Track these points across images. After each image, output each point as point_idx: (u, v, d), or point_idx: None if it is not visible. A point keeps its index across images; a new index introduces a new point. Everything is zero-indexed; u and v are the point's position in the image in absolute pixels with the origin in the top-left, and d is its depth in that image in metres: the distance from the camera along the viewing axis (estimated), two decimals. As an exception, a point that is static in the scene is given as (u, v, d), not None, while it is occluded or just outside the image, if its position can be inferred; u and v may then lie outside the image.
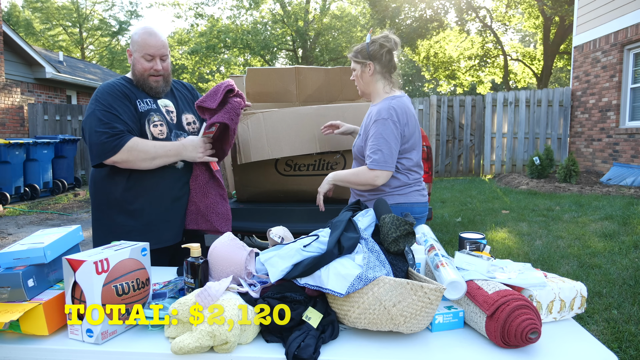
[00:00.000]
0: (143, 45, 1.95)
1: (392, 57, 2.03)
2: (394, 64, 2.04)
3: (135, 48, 1.96)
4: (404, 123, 1.95)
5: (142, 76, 1.98)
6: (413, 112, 2.03)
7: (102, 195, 1.99)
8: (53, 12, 25.98)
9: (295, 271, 1.30)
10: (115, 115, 1.86)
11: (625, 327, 2.67)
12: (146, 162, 1.89)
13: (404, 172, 2.02)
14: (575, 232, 4.80)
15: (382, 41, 2.00)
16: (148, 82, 1.99)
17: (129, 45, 2.02)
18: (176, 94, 2.14)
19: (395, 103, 1.96)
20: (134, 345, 1.19)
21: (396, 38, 2.05)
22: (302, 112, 2.61)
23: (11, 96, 9.60)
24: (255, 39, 20.85)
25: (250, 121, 2.56)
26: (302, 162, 2.85)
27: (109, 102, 1.89)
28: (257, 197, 3.02)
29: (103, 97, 1.90)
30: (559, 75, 25.52)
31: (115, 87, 1.95)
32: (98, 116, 1.86)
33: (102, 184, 1.98)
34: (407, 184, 2.02)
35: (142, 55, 1.95)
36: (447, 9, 17.37)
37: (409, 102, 2.05)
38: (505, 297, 1.17)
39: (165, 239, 2.00)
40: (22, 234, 5.73)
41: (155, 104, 2.02)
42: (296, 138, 2.56)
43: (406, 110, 1.98)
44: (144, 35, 1.95)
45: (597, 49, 9.04)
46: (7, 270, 1.23)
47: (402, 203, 2.01)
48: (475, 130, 10.35)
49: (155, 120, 1.98)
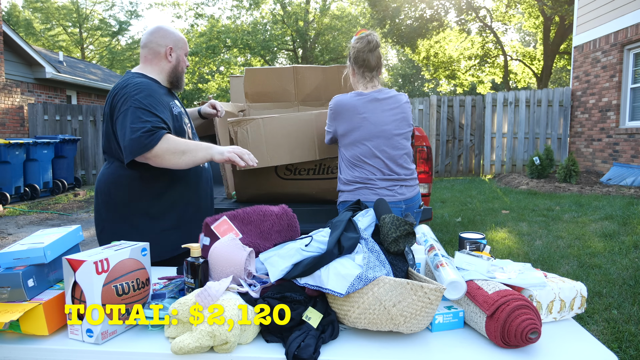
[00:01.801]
0: (185, 45, 2.01)
1: (365, 56, 2.11)
2: (368, 63, 2.12)
3: (180, 46, 1.98)
4: (336, 116, 2.12)
5: (182, 74, 2.04)
6: (358, 109, 2.07)
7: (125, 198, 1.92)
8: (53, 12, 25.99)
9: (295, 271, 1.30)
10: (155, 115, 1.80)
11: (625, 327, 2.67)
12: (176, 157, 1.78)
13: (348, 166, 2.12)
14: (575, 232, 4.80)
15: (354, 43, 2.14)
16: (183, 79, 2.06)
17: (167, 43, 1.96)
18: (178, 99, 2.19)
19: (337, 97, 2.14)
20: (134, 345, 1.19)
21: (370, 37, 2.12)
22: (303, 118, 2.57)
23: (11, 96, 9.60)
24: (256, 39, 20.86)
25: (250, 127, 2.54)
26: (303, 166, 2.84)
27: (149, 102, 1.82)
28: (257, 198, 3.01)
29: (143, 97, 1.82)
30: (559, 75, 25.52)
31: (155, 89, 1.89)
32: (138, 114, 1.77)
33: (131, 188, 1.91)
34: (353, 181, 2.10)
35: (185, 53, 2.02)
36: (447, 9, 17.37)
37: (364, 100, 2.09)
38: (505, 297, 1.17)
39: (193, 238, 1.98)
40: (22, 234, 5.73)
41: (182, 109, 2.07)
42: (296, 145, 2.52)
43: (344, 105, 2.10)
44: (182, 37, 2.01)
45: (597, 49, 9.04)
46: (7, 270, 1.23)
47: (348, 201, 2.08)
48: (475, 130, 10.35)
49: (186, 120, 2.05)
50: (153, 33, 1.97)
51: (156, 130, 1.75)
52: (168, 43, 1.97)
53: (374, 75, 2.16)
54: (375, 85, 2.16)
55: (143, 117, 1.76)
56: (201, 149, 1.82)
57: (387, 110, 2.10)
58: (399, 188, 2.08)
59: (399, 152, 2.11)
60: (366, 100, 2.09)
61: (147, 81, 1.92)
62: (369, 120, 2.06)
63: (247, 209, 1.58)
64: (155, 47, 1.96)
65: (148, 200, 1.93)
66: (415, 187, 2.17)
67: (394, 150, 2.09)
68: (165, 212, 1.96)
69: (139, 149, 1.74)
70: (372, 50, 2.11)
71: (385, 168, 2.08)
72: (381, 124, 2.08)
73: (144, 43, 1.99)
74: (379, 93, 2.12)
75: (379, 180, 2.06)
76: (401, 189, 2.09)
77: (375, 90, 2.13)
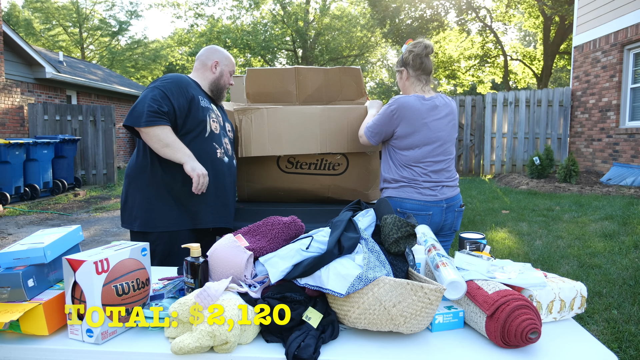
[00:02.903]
0: (232, 65, 2.41)
1: (423, 60, 2.19)
2: (425, 66, 2.20)
3: (226, 63, 2.37)
4: (400, 117, 2.13)
5: (224, 88, 2.39)
6: (422, 114, 2.14)
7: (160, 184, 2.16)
8: (53, 12, 25.99)
9: (296, 271, 1.30)
10: (168, 99, 2.08)
11: (625, 327, 2.67)
12: (160, 145, 2.06)
13: (398, 167, 2.19)
14: (575, 232, 4.80)
15: (411, 47, 2.21)
16: (224, 93, 2.40)
17: (215, 57, 2.34)
18: (220, 107, 2.48)
19: (405, 98, 2.16)
20: (134, 345, 1.19)
21: (427, 42, 2.21)
22: (307, 111, 2.64)
23: (11, 96, 9.60)
24: (256, 39, 20.86)
25: (254, 116, 2.61)
26: (304, 160, 2.86)
27: (170, 87, 2.11)
28: (257, 193, 3.02)
29: (169, 81, 2.14)
30: (559, 75, 25.53)
31: (184, 80, 2.21)
32: (155, 93, 2.06)
33: (162, 176, 2.15)
34: (399, 180, 2.17)
35: (229, 71, 2.39)
36: (447, 9, 17.37)
37: (427, 105, 2.16)
38: (505, 297, 1.17)
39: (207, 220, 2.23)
40: (22, 234, 5.73)
41: (212, 106, 2.31)
42: (298, 137, 2.58)
43: (410, 108, 2.13)
44: (230, 58, 2.41)
45: (597, 49, 9.04)
46: (7, 270, 1.23)
47: (393, 197, 2.18)
48: (475, 130, 10.35)
49: (213, 116, 2.27)
50: (207, 49, 2.38)
51: (159, 116, 2.04)
52: (215, 58, 2.34)
53: (428, 79, 2.24)
54: (429, 91, 2.24)
55: (158, 99, 2.05)
56: (182, 152, 2.08)
57: (443, 117, 2.19)
58: (441, 189, 2.16)
59: (448, 158, 2.21)
60: (429, 106, 2.16)
61: (182, 75, 2.25)
62: (429, 126, 2.14)
63: (257, 223, 1.64)
64: (205, 60, 2.34)
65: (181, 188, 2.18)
66: (456, 187, 2.26)
67: (444, 156, 2.19)
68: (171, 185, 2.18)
69: (137, 120, 2.03)
70: (427, 55, 2.21)
71: (432, 172, 2.16)
72: (437, 130, 2.16)
73: (198, 56, 2.38)
74: (437, 99, 2.20)
75: (424, 182, 2.15)
76: (443, 190, 2.17)
77: (434, 95, 2.21)
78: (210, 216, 2.25)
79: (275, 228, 1.57)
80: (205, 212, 2.23)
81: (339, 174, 2.92)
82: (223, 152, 2.31)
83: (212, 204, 2.25)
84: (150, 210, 2.15)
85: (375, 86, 32.94)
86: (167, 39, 30.38)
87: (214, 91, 2.36)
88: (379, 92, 32.16)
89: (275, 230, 1.56)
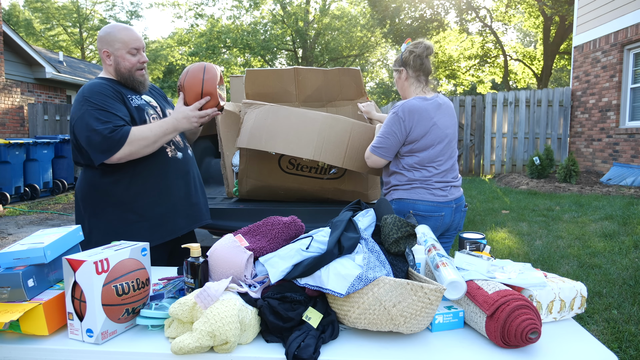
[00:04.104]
0: (126, 41, 1.95)
1: (423, 61, 2.17)
2: (425, 67, 2.18)
3: (117, 46, 1.95)
4: (411, 122, 2.08)
5: (130, 72, 1.98)
6: (430, 114, 2.11)
7: (104, 197, 1.95)
8: (53, 12, 25.99)
9: (296, 271, 1.30)
10: (111, 113, 1.85)
11: (625, 327, 2.67)
12: (149, 148, 1.88)
13: (408, 169, 2.13)
14: (575, 232, 4.80)
15: (412, 48, 2.18)
16: (136, 77, 2.00)
17: (103, 46, 1.97)
18: (152, 92, 2.17)
19: (409, 102, 2.10)
20: (134, 345, 1.19)
21: (428, 43, 2.18)
22: (310, 115, 2.52)
23: (11, 96, 9.60)
24: (256, 39, 20.86)
25: (258, 111, 2.57)
26: (305, 163, 2.86)
27: (101, 100, 1.86)
28: (258, 190, 3.01)
29: (93, 97, 1.87)
30: (559, 76, 25.53)
31: (103, 86, 1.92)
32: (95, 115, 1.83)
33: (103, 186, 1.94)
34: (411, 181, 2.12)
35: (127, 51, 1.96)
36: (447, 9, 17.37)
37: (432, 105, 2.13)
38: (505, 297, 1.17)
39: (180, 226, 2.02)
40: (22, 234, 5.73)
41: (142, 100, 2.03)
42: (294, 138, 2.50)
43: (417, 110, 2.09)
44: (123, 31, 1.96)
45: (597, 49, 9.04)
46: (7, 270, 1.23)
47: (404, 199, 2.12)
48: (475, 130, 10.35)
49: (151, 113, 2.01)
50: (97, 39, 2.01)
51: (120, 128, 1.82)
52: (104, 47, 1.97)
53: (428, 80, 2.22)
54: (429, 91, 2.22)
55: (102, 118, 1.82)
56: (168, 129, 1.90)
57: (447, 115, 2.18)
58: (450, 189, 2.15)
59: (454, 157, 2.21)
60: (434, 105, 2.14)
61: (93, 83, 1.94)
62: (438, 124, 2.12)
63: (257, 223, 1.62)
64: (100, 54, 2.01)
65: (126, 194, 1.95)
66: (460, 187, 2.26)
67: (451, 153, 2.19)
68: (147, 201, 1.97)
69: (107, 153, 1.81)
70: (428, 56, 2.19)
71: (442, 171, 2.15)
72: (445, 127, 2.15)
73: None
74: (438, 98, 2.18)
75: (436, 182, 2.12)
76: (451, 190, 2.16)
77: (434, 95, 2.20)
78: (182, 220, 2.05)
79: (275, 228, 1.56)
80: (173, 218, 2.02)
81: (338, 177, 2.92)
82: (173, 148, 2.07)
83: (180, 207, 2.04)
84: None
85: (375, 86, 32.94)
86: (167, 39, 30.37)
87: (127, 81, 2.00)
88: (379, 92, 32.15)
89: (275, 230, 1.56)
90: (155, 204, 1.98)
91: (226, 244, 1.42)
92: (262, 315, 1.23)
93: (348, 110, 3.15)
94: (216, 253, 1.40)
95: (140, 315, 1.24)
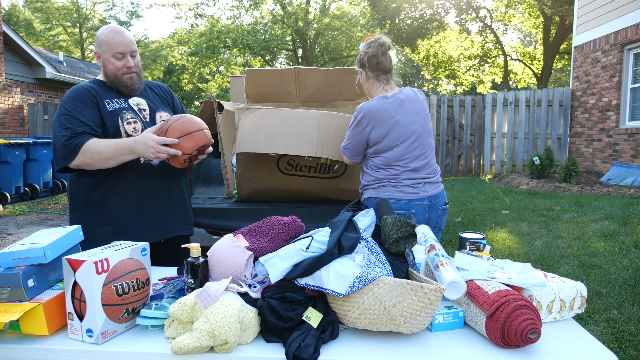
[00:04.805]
0: (111, 45, 1.93)
1: (379, 60, 2.12)
2: (382, 66, 2.12)
3: (104, 49, 1.95)
4: (369, 124, 2.08)
5: (116, 76, 1.97)
6: (390, 113, 2.06)
7: (79, 196, 1.97)
8: (53, 12, 25.99)
9: (296, 271, 1.30)
10: (76, 119, 1.86)
11: (625, 327, 2.67)
12: (103, 163, 1.85)
13: (375, 169, 2.12)
14: (575, 232, 4.80)
15: (366, 48, 2.14)
16: (123, 81, 1.99)
17: (95, 47, 2.00)
18: (149, 93, 2.13)
19: (367, 105, 2.10)
20: (134, 345, 1.19)
21: (382, 40, 2.13)
22: (306, 114, 2.55)
23: (11, 96, 9.60)
24: (256, 39, 20.86)
25: (253, 115, 2.56)
26: (304, 163, 2.86)
27: (71, 105, 1.88)
28: (257, 193, 3.02)
29: (67, 101, 1.90)
30: (559, 76, 25.53)
31: (80, 90, 1.94)
32: (61, 121, 1.86)
33: (78, 185, 1.96)
34: (378, 180, 2.10)
35: (112, 55, 1.94)
36: (447, 9, 17.38)
37: (392, 103, 2.08)
38: (505, 297, 1.17)
39: (143, 237, 1.93)
40: (22, 234, 5.73)
41: (126, 103, 2.00)
42: (293, 138, 2.52)
43: (376, 111, 2.07)
44: (111, 35, 1.94)
45: (597, 49, 9.04)
46: (7, 270, 1.23)
47: (373, 198, 2.10)
48: (475, 130, 10.35)
49: (128, 117, 1.96)
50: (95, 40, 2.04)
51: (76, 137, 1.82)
52: (96, 49, 2.00)
53: (389, 77, 2.17)
54: (392, 87, 2.17)
55: (66, 124, 1.84)
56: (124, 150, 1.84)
57: (412, 110, 2.11)
58: (422, 186, 2.09)
59: (427, 151, 2.14)
60: (394, 102, 2.09)
61: (80, 85, 1.98)
62: (400, 122, 2.07)
63: (257, 223, 1.62)
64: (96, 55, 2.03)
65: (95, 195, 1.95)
66: (439, 184, 2.18)
67: (422, 149, 2.11)
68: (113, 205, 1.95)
69: (63, 159, 1.83)
70: (384, 53, 2.13)
71: (412, 168, 2.09)
72: (410, 124, 2.09)
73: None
74: (400, 94, 2.13)
75: (404, 180, 2.08)
76: (425, 187, 2.10)
77: (397, 91, 2.14)
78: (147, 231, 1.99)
79: (275, 228, 1.56)
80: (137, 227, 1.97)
81: (338, 176, 2.92)
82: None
83: (147, 216, 1.99)
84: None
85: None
86: (167, 39, 30.37)
87: (113, 84, 1.99)
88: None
89: (275, 230, 1.55)
90: (120, 210, 1.95)
91: (226, 244, 1.42)
92: (262, 315, 1.23)
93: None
94: (216, 253, 1.40)
95: (140, 315, 1.24)
